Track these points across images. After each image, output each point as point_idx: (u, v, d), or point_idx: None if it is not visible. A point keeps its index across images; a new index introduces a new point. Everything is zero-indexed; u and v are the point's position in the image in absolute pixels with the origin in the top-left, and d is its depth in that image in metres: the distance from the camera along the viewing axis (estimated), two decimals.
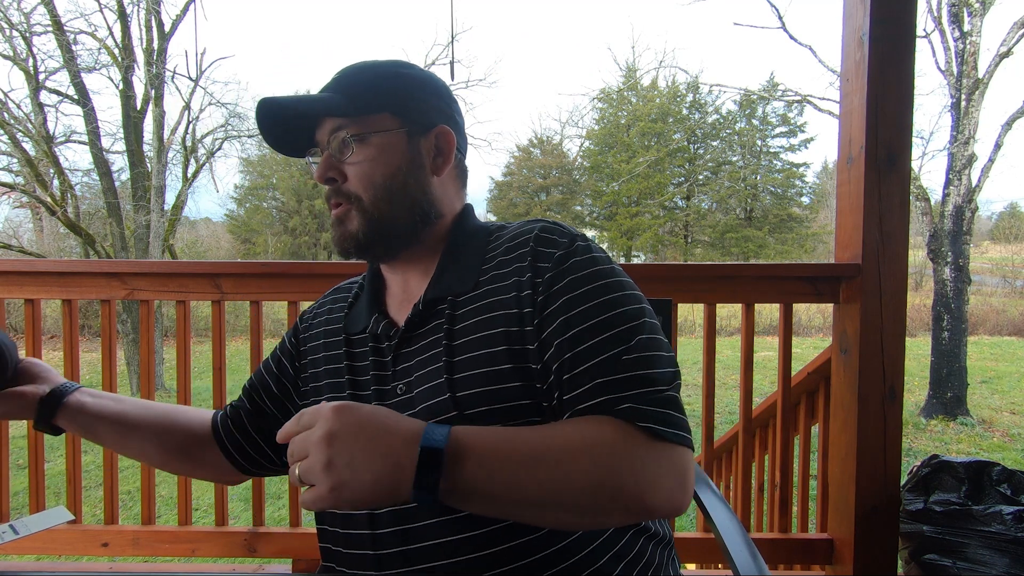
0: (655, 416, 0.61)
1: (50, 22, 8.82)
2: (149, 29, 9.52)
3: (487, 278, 0.72)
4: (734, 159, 22.09)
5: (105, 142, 9.62)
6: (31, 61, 9.04)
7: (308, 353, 0.85)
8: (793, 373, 1.80)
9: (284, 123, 0.76)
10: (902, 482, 1.65)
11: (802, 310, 12.38)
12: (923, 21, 7.04)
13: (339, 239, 0.76)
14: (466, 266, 0.75)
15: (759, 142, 21.67)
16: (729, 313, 10.39)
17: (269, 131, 0.77)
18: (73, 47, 9.12)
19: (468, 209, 0.82)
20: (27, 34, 8.93)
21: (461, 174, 0.83)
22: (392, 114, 0.75)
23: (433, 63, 22.32)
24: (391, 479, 0.54)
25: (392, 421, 0.57)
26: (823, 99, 9.36)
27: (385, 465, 0.54)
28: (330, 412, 0.55)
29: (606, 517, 0.60)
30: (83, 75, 9.27)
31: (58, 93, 9.46)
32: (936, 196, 7.34)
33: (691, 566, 1.91)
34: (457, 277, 0.74)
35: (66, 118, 10.36)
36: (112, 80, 9.57)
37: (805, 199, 22.40)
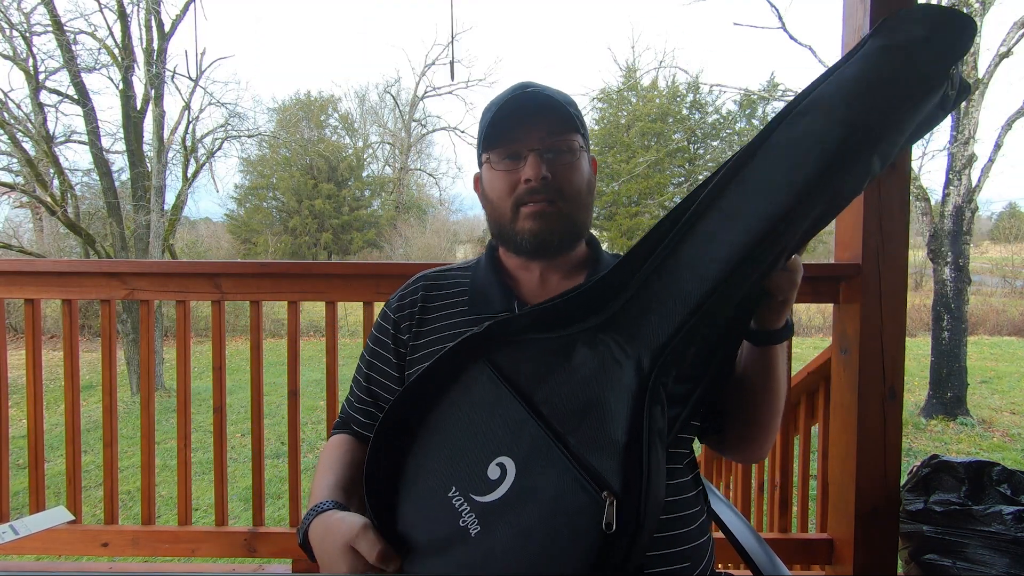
0: None
1: (50, 22, 8.80)
2: (149, 29, 9.51)
3: None
4: None
5: (105, 142, 9.60)
6: (31, 61, 9.02)
7: (417, 327, 0.93)
8: (793, 373, 1.80)
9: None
10: (902, 482, 1.65)
11: (802, 310, 12.37)
12: None
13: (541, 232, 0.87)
14: None
15: None
16: None
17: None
18: (73, 47, 9.11)
19: (592, 234, 0.97)
20: (27, 34, 8.92)
21: None
22: (582, 136, 0.91)
23: (433, 63, 22.37)
24: None
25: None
26: None
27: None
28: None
29: None
30: (83, 75, 9.25)
31: (58, 93, 9.45)
32: (936, 196, 7.34)
33: None
34: None
35: (66, 118, 10.34)
36: (112, 80, 9.56)
37: None
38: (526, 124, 0.86)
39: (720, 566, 0.99)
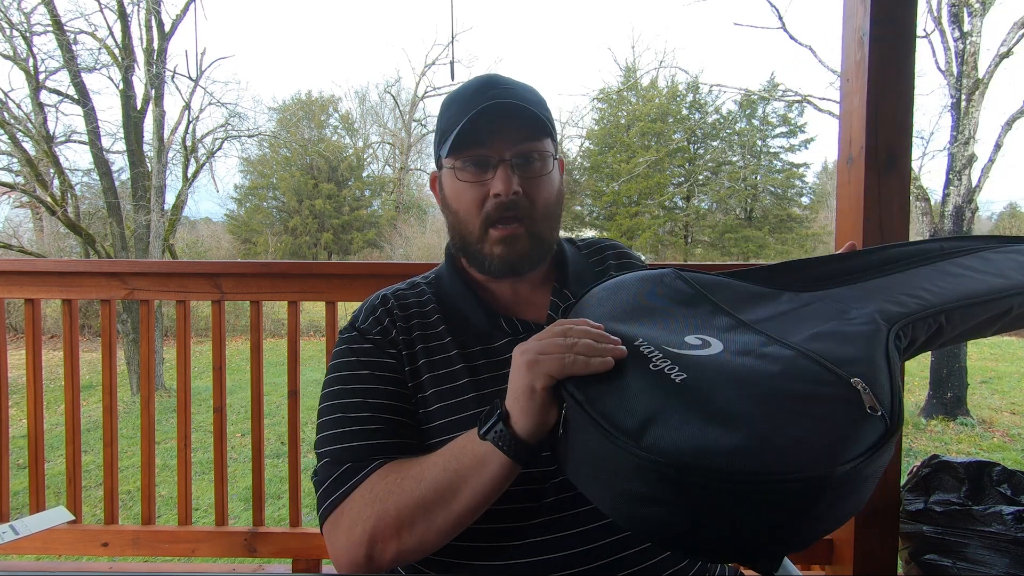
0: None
1: (50, 22, 8.81)
2: (149, 29, 9.52)
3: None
4: (734, 159, 22.08)
5: (105, 142, 9.62)
6: (31, 61, 9.03)
7: (409, 363, 0.82)
8: None
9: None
10: (902, 482, 1.65)
11: None
12: (923, 21, 7.04)
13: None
14: (588, 273, 0.90)
15: (759, 142, 21.67)
16: None
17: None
18: (73, 47, 9.12)
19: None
20: (27, 34, 8.93)
21: None
22: (551, 139, 0.83)
23: (433, 63, 22.38)
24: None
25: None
26: (823, 99, 9.36)
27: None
28: None
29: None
30: (83, 75, 9.26)
31: (58, 93, 9.46)
32: (936, 196, 7.34)
33: None
34: (585, 283, 0.84)
35: (66, 118, 10.39)
36: (112, 80, 9.58)
37: (805, 199, 22.39)
38: (494, 129, 0.78)
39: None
